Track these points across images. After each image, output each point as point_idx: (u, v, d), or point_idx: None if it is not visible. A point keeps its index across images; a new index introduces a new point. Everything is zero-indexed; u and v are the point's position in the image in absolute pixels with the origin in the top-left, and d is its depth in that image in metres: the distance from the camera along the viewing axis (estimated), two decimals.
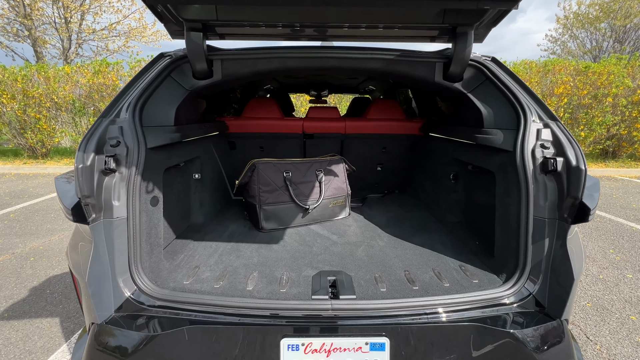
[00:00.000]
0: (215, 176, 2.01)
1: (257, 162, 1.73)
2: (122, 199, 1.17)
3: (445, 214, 1.88)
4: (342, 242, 1.64)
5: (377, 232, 1.76)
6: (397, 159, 2.56)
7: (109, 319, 1.13)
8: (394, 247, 1.58)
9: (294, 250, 1.54)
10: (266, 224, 1.75)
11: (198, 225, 1.79)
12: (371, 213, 2.07)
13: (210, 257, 1.44)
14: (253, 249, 1.54)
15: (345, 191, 1.97)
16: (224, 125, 2.28)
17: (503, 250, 1.33)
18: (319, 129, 2.38)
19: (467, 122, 1.68)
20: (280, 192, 1.76)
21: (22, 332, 1.88)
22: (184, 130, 1.52)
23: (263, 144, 2.45)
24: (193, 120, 1.72)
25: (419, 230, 1.77)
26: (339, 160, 1.98)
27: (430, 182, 2.14)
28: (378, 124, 2.38)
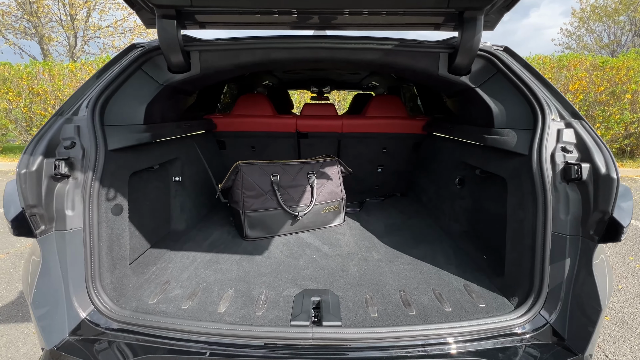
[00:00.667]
0: (200, 179, 1.87)
1: (241, 164, 1.58)
2: (77, 209, 1.04)
3: (449, 222, 1.71)
4: (332, 253, 1.48)
5: (373, 243, 1.59)
6: (399, 160, 2.38)
7: (61, 344, 1.00)
8: (390, 260, 1.41)
9: (278, 263, 1.39)
10: (251, 232, 1.60)
11: (178, 232, 1.65)
12: (368, 219, 1.90)
13: (185, 271, 1.30)
14: (233, 261, 1.39)
15: (340, 196, 1.80)
16: (211, 123, 2.14)
17: (515, 269, 1.15)
18: (313, 127, 2.22)
19: (475, 121, 1.49)
20: (266, 197, 1.61)
21: (7, 338, 1.79)
22: (156, 129, 1.38)
23: (254, 143, 2.30)
24: (171, 118, 1.57)
25: (419, 241, 1.60)
26: (333, 162, 1.82)
27: (434, 187, 1.96)
28: (378, 122, 2.20)
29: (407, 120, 2.20)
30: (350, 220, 1.90)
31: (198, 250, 1.48)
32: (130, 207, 1.27)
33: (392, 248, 1.53)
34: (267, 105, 2.26)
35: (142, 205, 1.41)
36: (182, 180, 1.68)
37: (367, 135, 2.24)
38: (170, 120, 1.57)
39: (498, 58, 1.27)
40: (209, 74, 1.44)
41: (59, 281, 1.01)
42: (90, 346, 0.99)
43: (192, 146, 1.83)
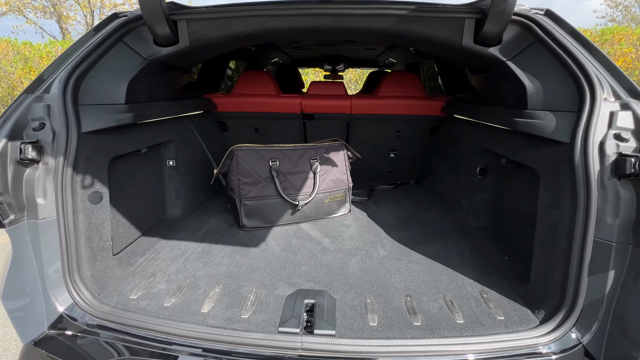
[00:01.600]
0: (198, 163, 1.77)
1: (236, 148, 1.45)
2: (49, 196, 0.95)
3: (467, 216, 1.53)
4: (334, 248, 1.35)
5: (380, 237, 1.45)
6: (414, 145, 2.17)
7: (39, 338, 0.94)
8: (397, 258, 1.27)
9: (274, 257, 1.28)
10: (247, 222, 1.49)
11: (173, 220, 1.57)
12: (377, 210, 1.75)
13: (174, 262, 1.22)
14: (226, 253, 1.30)
15: (346, 184, 1.65)
16: (211, 103, 2.00)
17: (543, 277, 0.98)
18: (320, 108, 2.04)
19: (504, 102, 1.28)
20: (264, 184, 1.48)
21: None
22: (141, 109, 1.26)
23: (257, 125, 2.16)
24: (160, 97, 1.45)
25: (431, 237, 1.44)
26: (339, 147, 1.66)
27: (451, 176, 1.76)
28: (391, 102, 1.99)
29: (425, 101, 1.97)
30: (357, 210, 1.75)
31: (191, 240, 1.39)
32: (114, 194, 1.18)
33: (400, 244, 1.39)
34: (270, 83, 2.09)
35: (129, 192, 1.32)
36: (176, 164, 1.57)
37: (379, 117, 2.04)
38: (160, 99, 1.44)
39: (537, 24, 1.04)
40: (200, 47, 1.29)
41: (34, 273, 0.95)
42: (68, 342, 0.93)
43: (188, 128, 1.71)
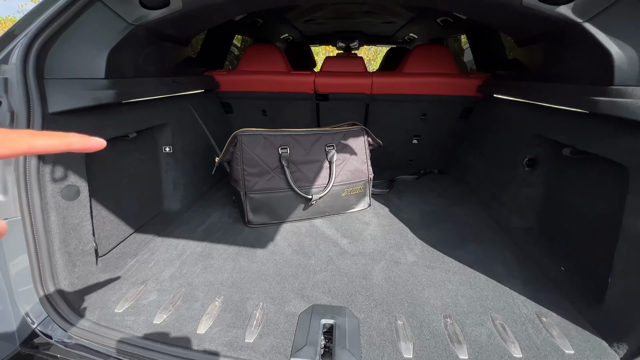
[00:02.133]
0: (198, 149, 1.58)
1: (240, 133, 1.24)
2: (10, 192, 0.77)
3: (508, 214, 1.30)
4: (353, 251, 1.16)
5: (406, 238, 1.25)
6: (441, 130, 1.92)
7: (9, 357, 0.80)
8: (429, 265, 1.07)
9: (284, 261, 1.10)
10: (254, 217, 1.31)
11: (171, 213, 1.40)
12: (400, 205, 1.54)
13: (169, 266, 1.05)
14: (229, 255, 1.12)
15: (366, 175, 1.44)
16: (213, 81, 1.78)
17: (626, 300, 0.77)
18: (335, 87, 1.80)
19: (575, 77, 1.02)
20: (273, 175, 1.29)
21: None
22: (126, 86, 1.05)
23: (265, 106, 1.94)
24: (150, 72, 1.24)
25: (467, 239, 1.24)
26: (358, 132, 1.43)
27: (487, 166, 1.52)
28: (418, 80, 1.73)
29: (458, 79, 1.71)
30: (377, 204, 1.55)
31: (190, 238, 1.22)
32: (97, 187, 1.01)
33: (430, 247, 1.19)
34: (280, 58, 1.85)
35: (118, 184, 1.14)
36: (173, 151, 1.39)
37: (404, 98, 1.79)
38: (151, 75, 1.24)
39: None
40: (196, 10, 1.07)
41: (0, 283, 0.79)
42: None
43: (186, 109, 1.51)
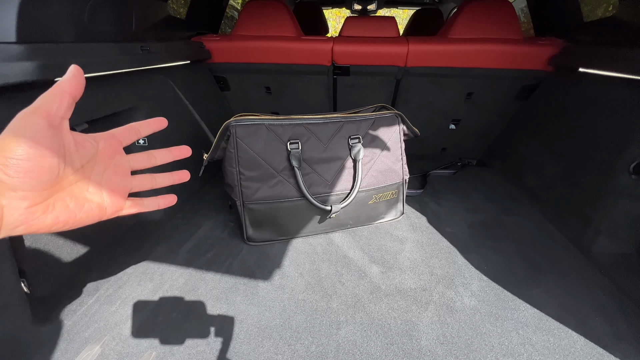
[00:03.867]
0: (185, 137, 1.24)
1: (235, 122, 0.90)
2: None
3: (595, 235, 0.97)
4: (388, 286, 0.86)
5: (456, 264, 0.94)
6: (489, 113, 1.54)
7: None
8: (496, 315, 0.77)
9: (295, 303, 0.80)
10: (254, 234, 1.00)
11: (150, 224, 1.10)
12: (439, 212, 1.22)
13: (138, 311, 0.77)
14: (221, 291, 0.83)
15: (401, 176, 1.10)
16: (203, 49, 1.41)
17: None
18: (359, 57, 1.41)
19: None
20: (279, 179, 0.96)
21: None
22: (58, 55, 0.71)
23: (269, 82, 1.56)
24: (103, 35, 0.88)
25: (539, 269, 0.92)
26: (392, 119, 1.08)
27: (562, 166, 1.16)
28: (469, 49, 1.33)
29: (522, 47, 1.30)
30: (410, 211, 1.23)
31: (171, 262, 0.93)
32: None
33: (491, 280, 0.88)
34: (288, 19, 1.45)
35: None
36: (149, 143, 1.06)
37: (447, 72, 1.40)
38: (103, 38, 0.88)
39: None
40: None
41: None
42: None
43: (165, 87, 1.15)
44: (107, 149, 0.30)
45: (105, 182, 0.30)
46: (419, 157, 1.72)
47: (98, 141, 0.29)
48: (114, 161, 0.31)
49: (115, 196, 0.30)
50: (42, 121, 0.23)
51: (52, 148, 0.23)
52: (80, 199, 0.27)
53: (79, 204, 0.27)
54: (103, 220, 0.30)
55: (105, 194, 0.30)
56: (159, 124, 0.34)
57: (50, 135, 0.24)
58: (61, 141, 0.25)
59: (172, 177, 0.36)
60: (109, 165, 0.30)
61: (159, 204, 0.34)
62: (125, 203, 0.32)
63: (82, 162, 0.27)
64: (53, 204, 0.25)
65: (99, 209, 0.29)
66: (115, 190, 0.30)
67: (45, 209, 0.24)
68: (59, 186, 0.25)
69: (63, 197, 0.26)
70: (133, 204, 0.33)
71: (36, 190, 0.23)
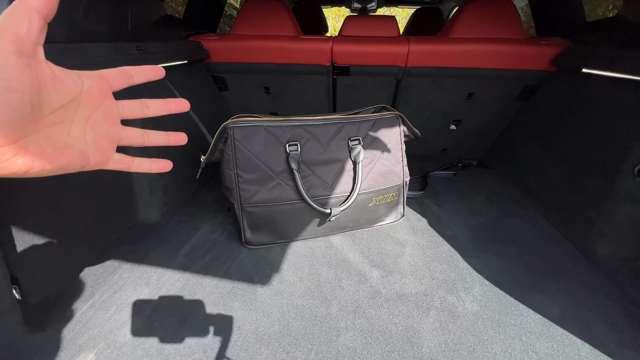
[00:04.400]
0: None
1: (232, 124, 0.89)
2: None
3: (597, 238, 0.96)
4: (389, 290, 0.84)
5: (457, 268, 0.92)
6: (490, 114, 1.53)
7: None
8: (499, 321, 0.75)
9: (294, 308, 0.79)
10: (253, 237, 0.99)
11: (148, 225, 1.09)
12: (440, 214, 1.20)
13: (134, 316, 0.76)
14: (219, 296, 0.82)
15: (401, 178, 1.09)
16: (201, 49, 1.39)
17: None
18: (359, 57, 1.39)
19: None
20: (278, 181, 0.94)
21: None
22: (51, 55, 0.69)
23: (268, 82, 1.55)
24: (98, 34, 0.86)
25: (542, 272, 0.91)
26: (392, 120, 1.06)
27: (564, 168, 1.15)
28: (471, 49, 1.31)
29: (524, 47, 1.28)
30: (411, 213, 1.21)
31: (168, 266, 0.91)
32: (19, 206, 0.68)
33: (493, 285, 0.86)
34: (287, 18, 1.43)
35: (59, 196, 0.82)
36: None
37: (449, 72, 1.38)
38: (98, 38, 0.86)
39: None
40: None
41: None
42: None
43: (162, 87, 1.14)
44: (93, 90, 0.26)
45: (90, 127, 0.26)
46: (419, 158, 1.71)
47: (83, 79, 0.25)
48: (101, 105, 0.27)
49: (100, 145, 0.27)
50: (11, 47, 0.19)
51: (23, 80, 0.20)
52: (60, 144, 0.24)
53: (58, 149, 0.24)
54: (86, 170, 0.27)
55: (90, 141, 0.26)
56: (155, 73, 0.30)
57: (21, 64, 0.19)
58: (35, 72, 0.21)
59: (168, 137, 0.32)
60: (96, 109, 0.26)
61: (151, 167, 0.31)
62: (112, 155, 0.28)
63: (62, 101, 0.23)
64: (26, 146, 0.22)
65: (81, 156, 0.26)
66: (101, 138, 0.27)
67: (16, 150, 0.21)
68: (34, 126, 0.22)
69: (38, 139, 0.22)
70: (121, 158, 0.29)
71: (4, 130, 0.20)
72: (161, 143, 0.32)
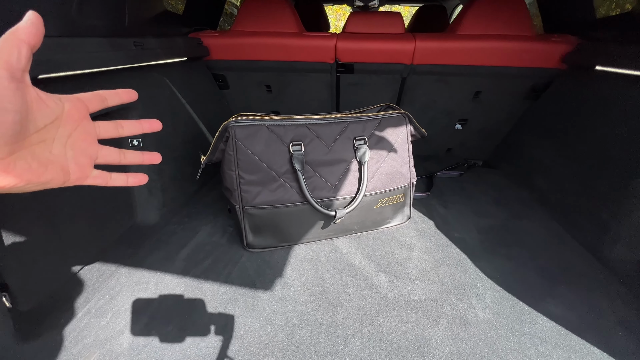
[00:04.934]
0: (182, 137, 1.19)
1: (233, 123, 0.85)
2: None
3: (613, 242, 0.92)
4: (397, 296, 0.81)
5: (467, 273, 0.89)
6: (497, 113, 1.49)
7: None
8: (512, 329, 0.72)
9: (298, 315, 0.75)
10: (255, 240, 0.96)
11: (146, 227, 1.05)
12: (447, 215, 1.17)
13: (133, 323, 0.72)
14: (220, 302, 0.79)
15: (408, 179, 1.06)
16: (201, 46, 1.35)
17: None
18: (364, 54, 1.36)
19: None
20: (281, 182, 0.91)
21: None
22: (45, 51, 0.65)
23: (270, 80, 1.51)
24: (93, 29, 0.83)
25: (554, 277, 0.87)
26: (399, 119, 1.03)
27: (574, 169, 1.12)
28: (479, 46, 1.28)
29: (534, 44, 1.24)
30: (417, 215, 1.18)
31: (167, 271, 0.88)
32: (11, 209, 0.65)
33: (504, 291, 0.83)
34: (289, 15, 1.39)
35: (51, 198, 0.78)
36: (144, 144, 1.01)
37: (455, 70, 1.35)
38: (93, 33, 0.83)
39: None
40: None
41: None
42: None
43: (161, 85, 1.10)
44: (73, 112, 0.29)
45: (70, 145, 0.29)
46: (423, 157, 1.68)
47: (64, 102, 0.28)
48: (80, 126, 0.30)
49: (80, 162, 0.30)
50: (3, 73, 0.22)
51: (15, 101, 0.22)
52: (43, 160, 0.26)
53: (42, 165, 0.26)
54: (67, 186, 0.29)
55: (70, 158, 0.29)
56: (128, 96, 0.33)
57: (13, 87, 0.22)
58: (24, 95, 0.23)
59: (142, 157, 0.36)
60: (75, 129, 0.29)
61: (127, 181, 0.34)
62: (90, 171, 0.31)
63: (45, 121, 0.26)
64: (14, 162, 0.24)
65: (63, 172, 0.28)
66: (80, 156, 0.30)
67: (5, 166, 0.23)
68: (21, 144, 0.24)
69: (25, 156, 0.25)
70: (99, 174, 0.32)
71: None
72: (136, 162, 0.35)
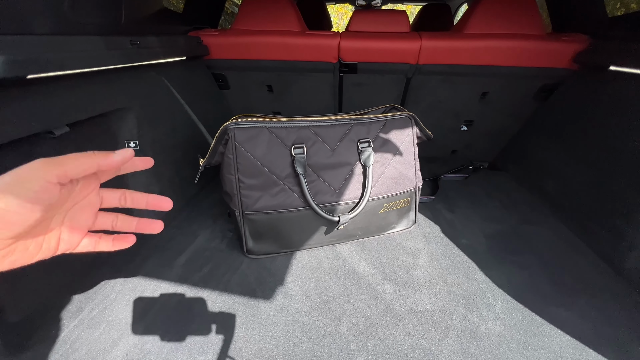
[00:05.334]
0: (181, 139, 1.16)
1: (233, 125, 0.82)
2: None
3: (627, 250, 0.89)
4: (403, 307, 0.78)
5: (476, 281, 0.85)
6: (504, 114, 1.45)
7: None
8: (525, 343, 0.69)
9: (300, 327, 0.72)
10: (255, 246, 0.92)
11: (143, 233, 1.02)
12: (453, 220, 1.13)
13: (126, 335, 0.69)
14: (218, 312, 0.75)
15: (414, 183, 1.02)
16: (200, 45, 1.32)
17: None
18: (368, 53, 1.32)
19: None
20: (282, 187, 0.88)
21: None
22: (31, 49, 0.62)
23: (271, 80, 1.48)
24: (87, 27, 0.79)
25: (567, 287, 0.84)
26: (404, 121, 0.99)
27: (586, 173, 1.08)
28: (487, 45, 1.24)
29: (545, 43, 1.20)
30: (422, 219, 1.14)
31: (164, 278, 0.85)
32: None
33: (516, 301, 0.79)
34: (291, 13, 1.36)
35: None
36: (141, 147, 0.97)
37: (462, 70, 1.31)
38: (86, 31, 0.79)
39: None
40: None
41: None
42: None
43: (159, 85, 1.07)
44: (82, 189, 0.28)
45: (68, 219, 0.28)
46: (427, 159, 1.64)
47: (79, 180, 0.28)
48: (85, 199, 0.29)
49: (72, 234, 0.29)
50: (54, 179, 0.23)
51: (44, 204, 0.23)
52: (39, 240, 0.26)
53: (38, 245, 0.26)
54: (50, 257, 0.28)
55: (65, 232, 0.28)
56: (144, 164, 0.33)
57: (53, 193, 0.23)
58: (56, 197, 0.24)
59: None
60: (78, 203, 0.29)
61: (113, 245, 0.32)
62: (80, 242, 0.30)
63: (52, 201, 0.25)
64: (15, 249, 0.24)
65: (53, 249, 0.27)
66: (75, 228, 0.29)
67: (6, 254, 0.23)
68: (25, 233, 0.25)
69: (25, 239, 0.25)
70: (87, 244, 0.31)
71: (5, 239, 0.23)
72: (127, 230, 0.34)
